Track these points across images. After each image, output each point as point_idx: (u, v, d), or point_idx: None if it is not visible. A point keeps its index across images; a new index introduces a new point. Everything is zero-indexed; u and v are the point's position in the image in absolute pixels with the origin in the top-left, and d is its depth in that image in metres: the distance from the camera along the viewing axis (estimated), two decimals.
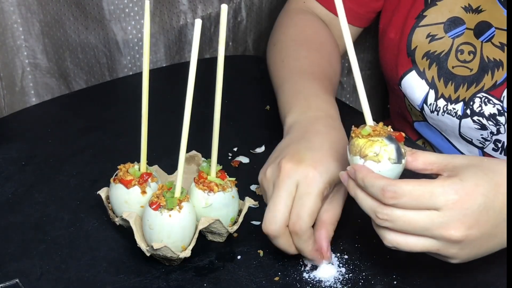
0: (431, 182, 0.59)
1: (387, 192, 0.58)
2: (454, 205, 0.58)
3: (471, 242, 0.59)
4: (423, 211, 0.58)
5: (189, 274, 0.68)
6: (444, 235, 0.58)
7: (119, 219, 0.70)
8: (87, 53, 1.12)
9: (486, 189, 0.59)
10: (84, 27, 1.09)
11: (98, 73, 1.14)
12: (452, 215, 0.58)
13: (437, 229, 0.58)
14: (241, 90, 1.00)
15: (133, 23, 1.09)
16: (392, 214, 0.59)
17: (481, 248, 0.61)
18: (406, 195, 0.58)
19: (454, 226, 0.58)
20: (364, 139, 0.61)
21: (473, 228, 0.58)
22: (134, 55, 1.11)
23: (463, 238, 0.58)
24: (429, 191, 0.58)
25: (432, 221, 0.58)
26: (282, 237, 0.66)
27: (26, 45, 1.11)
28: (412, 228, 0.59)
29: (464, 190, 0.58)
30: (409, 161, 0.62)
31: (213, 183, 0.69)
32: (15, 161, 0.84)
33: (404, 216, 0.58)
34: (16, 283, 0.66)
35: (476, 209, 0.58)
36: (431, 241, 0.59)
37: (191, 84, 0.63)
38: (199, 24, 0.62)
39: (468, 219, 0.58)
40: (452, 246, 0.59)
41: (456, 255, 0.60)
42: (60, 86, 1.16)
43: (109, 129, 0.92)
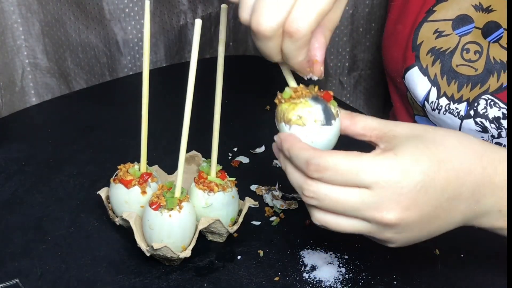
0: (361, 155, 0.53)
1: (310, 165, 0.52)
2: (387, 183, 0.51)
3: (409, 225, 0.53)
4: (353, 189, 0.52)
5: (189, 274, 0.68)
6: (376, 217, 0.52)
7: (119, 219, 0.70)
8: (87, 53, 1.12)
9: (427, 166, 0.52)
10: (84, 26, 1.09)
11: (99, 72, 1.14)
12: (385, 195, 0.51)
13: (368, 211, 0.52)
14: (241, 90, 1.00)
15: (133, 23, 1.09)
16: (319, 191, 0.53)
17: (422, 232, 0.55)
18: (330, 168, 0.52)
19: (388, 208, 0.52)
20: (287, 103, 0.56)
21: (410, 209, 0.52)
22: (134, 55, 1.12)
23: (398, 221, 0.52)
24: (357, 166, 0.52)
25: (363, 201, 0.52)
26: (274, 39, 0.54)
27: (26, 45, 1.11)
28: (341, 207, 0.53)
29: (400, 166, 0.52)
30: (347, 125, 0.57)
31: (213, 183, 0.69)
32: (15, 161, 0.84)
33: (332, 194, 0.52)
34: (16, 283, 0.66)
35: (413, 188, 0.52)
36: (363, 223, 0.53)
37: (191, 84, 0.63)
38: (199, 24, 0.62)
39: (404, 200, 0.52)
40: (386, 229, 0.53)
41: (392, 239, 0.54)
42: (60, 86, 1.16)
43: (109, 129, 0.92)
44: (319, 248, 0.71)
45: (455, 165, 0.54)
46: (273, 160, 0.85)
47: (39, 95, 1.16)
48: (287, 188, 0.79)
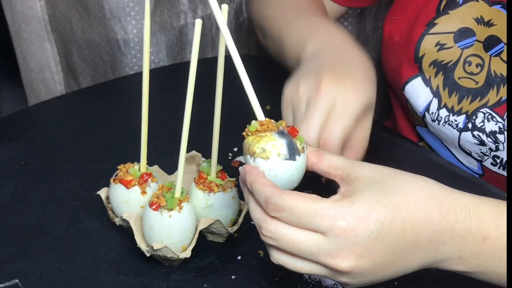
0: (319, 200, 0.53)
1: (269, 203, 0.53)
2: (341, 231, 0.52)
3: (363, 272, 0.54)
4: (310, 233, 0.53)
5: (189, 275, 0.68)
6: (330, 264, 0.53)
7: (119, 219, 0.70)
8: (92, 50, 1.12)
9: (382, 215, 0.53)
10: (87, 24, 1.09)
11: (102, 70, 1.14)
12: (339, 243, 0.52)
13: (323, 256, 0.53)
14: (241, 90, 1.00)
15: (134, 23, 1.09)
16: (276, 232, 0.54)
17: (377, 277, 0.56)
18: (287, 209, 0.53)
19: (341, 255, 0.52)
20: (253, 136, 0.57)
21: (364, 258, 0.53)
22: (135, 54, 1.12)
23: (351, 268, 0.53)
24: (312, 210, 0.52)
25: (318, 246, 0.52)
26: None
27: None
28: (297, 250, 0.53)
29: (355, 215, 0.52)
30: (314, 162, 0.58)
31: (213, 184, 0.69)
32: (15, 161, 0.84)
33: (288, 237, 0.53)
34: (16, 284, 0.66)
35: (366, 237, 0.52)
36: (319, 267, 0.54)
37: (192, 84, 0.63)
38: (199, 24, 0.62)
39: (357, 248, 0.52)
40: (341, 275, 0.54)
41: (348, 283, 0.55)
42: (70, 81, 1.16)
43: (109, 129, 0.92)
44: None
45: (412, 213, 0.54)
46: None
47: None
48: None
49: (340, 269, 0.53)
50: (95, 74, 1.15)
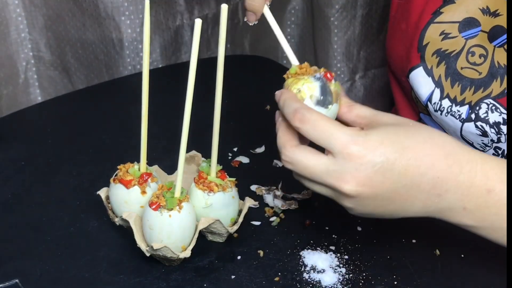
0: (339, 125, 0.58)
1: (297, 113, 0.58)
2: (349, 156, 0.56)
3: (363, 200, 0.57)
4: (321, 158, 0.57)
5: (189, 275, 0.68)
6: (335, 186, 0.57)
7: (119, 219, 0.70)
8: (86, 49, 1.12)
9: (389, 150, 0.56)
10: (82, 23, 1.09)
11: (97, 69, 1.14)
12: (345, 167, 0.56)
13: (330, 178, 0.57)
14: (241, 90, 1.00)
15: (128, 22, 1.09)
16: (293, 157, 0.59)
17: (377, 209, 0.59)
18: (311, 123, 0.57)
19: (345, 179, 0.56)
20: (292, 78, 0.63)
21: (365, 186, 0.56)
22: (130, 54, 1.11)
23: (352, 193, 0.57)
24: (330, 130, 0.57)
25: (327, 168, 0.57)
26: None
27: (30, 38, 1.11)
28: (309, 173, 0.58)
29: (365, 144, 0.56)
30: (344, 112, 0.62)
31: (213, 183, 0.69)
32: (14, 161, 0.84)
33: (303, 162, 0.58)
34: (16, 283, 0.66)
35: (370, 167, 0.56)
36: (327, 189, 0.59)
37: (191, 84, 0.63)
38: (199, 23, 0.62)
39: (360, 176, 0.56)
40: (345, 198, 0.58)
41: (352, 209, 0.59)
42: (63, 80, 1.16)
43: (108, 129, 0.92)
44: (319, 249, 0.71)
45: (417, 156, 0.57)
46: (273, 160, 0.85)
47: (42, 87, 1.17)
48: (287, 188, 0.79)
49: (342, 192, 0.57)
50: (89, 73, 1.15)
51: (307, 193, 0.79)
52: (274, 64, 1.15)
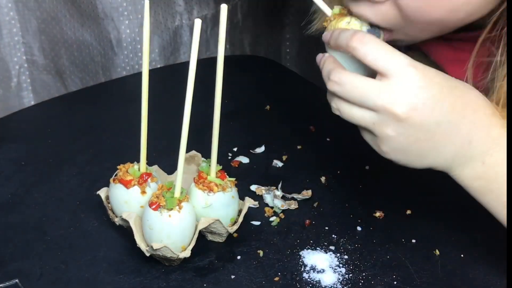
0: (399, 52, 0.58)
1: (357, 34, 0.58)
2: (406, 78, 0.56)
3: (410, 128, 0.57)
4: (374, 81, 0.57)
5: (189, 274, 0.68)
6: (386, 107, 0.56)
7: (119, 219, 0.70)
8: (82, 51, 1.12)
9: (444, 83, 0.57)
10: (79, 24, 1.09)
11: (93, 71, 1.13)
12: (401, 89, 0.56)
13: (382, 99, 0.56)
14: (240, 90, 1.00)
15: (127, 23, 1.09)
16: (344, 77, 0.58)
17: (415, 144, 0.58)
18: (372, 43, 0.57)
19: (398, 100, 0.56)
20: (335, 19, 0.64)
21: (416, 111, 0.56)
22: (128, 54, 1.11)
23: (403, 115, 0.56)
24: (392, 52, 0.57)
25: (380, 89, 0.56)
26: None
27: (23, 41, 1.11)
28: (358, 94, 0.57)
29: (424, 72, 0.57)
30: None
31: (213, 183, 0.69)
32: (14, 161, 0.84)
33: (353, 81, 0.58)
34: (16, 283, 0.66)
35: (425, 93, 0.56)
36: (372, 114, 0.57)
37: (191, 84, 0.63)
38: (198, 23, 0.62)
39: (415, 100, 0.56)
40: (390, 123, 0.57)
41: (389, 138, 0.58)
42: (56, 83, 1.16)
43: (108, 129, 0.92)
44: (319, 248, 0.71)
45: (465, 97, 0.59)
46: (273, 160, 0.85)
47: (35, 92, 1.17)
48: (287, 189, 0.79)
49: (393, 112, 0.56)
50: (84, 75, 1.14)
51: (307, 193, 0.79)
52: (274, 64, 1.15)
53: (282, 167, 0.85)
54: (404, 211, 0.75)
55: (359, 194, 0.78)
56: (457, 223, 0.73)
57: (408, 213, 0.75)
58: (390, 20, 0.63)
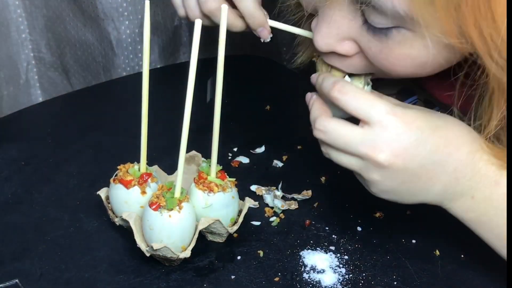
0: (379, 95, 0.59)
1: (337, 85, 0.59)
2: (388, 126, 0.57)
3: (393, 173, 0.58)
4: (357, 129, 0.58)
5: (189, 275, 0.68)
6: (368, 154, 0.57)
7: (119, 219, 0.70)
8: (84, 50, 1.12)
9: (424, 125, 0.58)
10: (82, 24, 1.09)
11: (94, 71, 1.14)
12: (383, 136, 0.57)
13: (364, 147, 0.57)
14: (241, 90, 1.00)
15: (127, 23, 1.08)
16: (328, 125, 0.59)
17: (402, 186, 0.59)
18: (351, 93, 0.58)
19: (381, 148, 0.57)
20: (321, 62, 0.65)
21: (399, 157, 0.57)
22: (128, 55, 1.11)
23: (386, 163, 0.57)
24: (371, 100, 0.58)
25: (362, 137, 0.58)
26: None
27: (31, 38, 1.11)
28: (342, 142, 0.59)
29: (404, 117, 0.57)
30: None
31: (213, 184, 0.69)
32: (15, 161, 0.84)
33: (337, 129, 0.59)
34: (15, 283, 0.66)
35: (406, 139, 0.57)
36: (357, 160, 0.59)
37: (191, 84, 0.63)
38: (199, 23, 0.62)
39: (396, 146, 0.57)
40: (374, 169, 0.58)
41: (377, 182, 0.59)
42: (63, 81, 1.16)
43: (108, 130, 0.92)
44: (319, 249, 0.71)
45: (448, 136, 0.59)
46: (273, 160, 0.85)
47: (43, 88, 1.17)
48: (287, 189, 0.79)
49: (376, 160, 0.57)
50: (86, 75, 1.14)
51: (307, 193, 0.79)
52: (274, 64, 1.15)
53: (282, 167, 0.85)
54: (404, 212, 0.75)
55: (359, 195, 0.78)
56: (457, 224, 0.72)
57: (408, 213, 0.75)
58: (363, 69, 0.64)
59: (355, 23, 0.59)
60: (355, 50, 0.62)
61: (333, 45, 0.62)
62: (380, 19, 0.57)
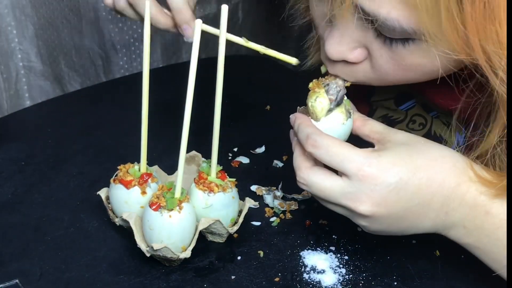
0: (351, 147, 0.59)
1: (309, 139, 0.60)
2: (364, 178, 0.57)
3: (378, 219, 0.59)
4: (336, 180, 0.59)
5: (189, 275, 0.68)
6: (350, 206, 0.58)
7: (119, 219, 0.70)
8: (81, 56, 1.12)
9: (402, 170, 0.57)
10: (78, 30, 1.08)
11: (94, 75, 1.13)
12: (361, 188, 0.57)
13: (345, 199, 0.58)
14: (241, 90, 1.00)
15: (129, 24, 1.09)
16: (309, 179, 0.60)
17: (391, 227, 0.60)
18: (323, 148, 0.59)
19: (360, 200, 0.58)
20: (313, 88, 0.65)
21: (380, 206, 0.58)
22: (130, 55, 1.11)
23: (368, 213, 0.58)
24: (344, 154, 0.58)
25: (342, 190, 0.58)
26: None
27: (20, 48, 1.11)
28: (324, 195, 0.60)
29: (379, 166, 0.57)
30: (358, 126, 0.64)
31: (213, 184, 0.69)
32: (15, 161, 0.84)
33: (318, 184, 0.60)
34: (16, 284, 0.66)
35: (385, 188, 0.57)
36: (342, 209, 0.60)
37: (191, 84, 0.63)
38: (199, 24, 0.62)
39: (375, 196, 0.57)
40: (360, 218, 0.59)
41: (366, 227, 0.61)
42: (55, 89, 1.16)
43: (109, 130, 0.92)
44: (319, 249, 0.71)
45: (430, 175, 0.58)
46: (273, 160, 0.85)
47: (33, 98, 1.16)
48: (287, 189, 0.79)
49: (358, 212, 0.58)
50: (84, 80, 1.14)
51: (307, 193, 0.79)
52: (274, 64, 1.15)
53: (282, 167, 0.85)
54: None
55: None
56: None
57: None
58: (365, 77, 0.64)
59: (369, 33, 0.59)
60: (364, 57, 0.62)
61: (344, 53, 0.61)
62: (394, 33, 0.57)
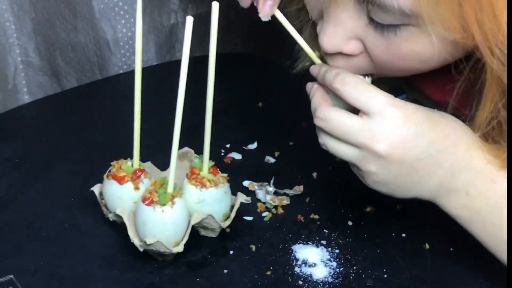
0: (378, 88, 0.59)
1: (339, 75, 0.60)
2: (387, 117, 0.57)
3: (391, 164, 0.58)
4: (357, 118, 0.59)
5: (182, 269, 0.68)
6: (367, 144, 0.58)
7: (113, 215, 0.70)
8: (77, 52, 1.12)
9: (423, 118, 0.58)
10: (73, 26, 1.09)
11: (89, 71, 1.14)
12: (382, 127, 0.57)
13: (363, 136, 0.58)
14: (233, 87, 1.01)
15: (123, 22, 1.09)
16: (329, 114, 0.60)
17: (397, 178, 0.60)
18: (352, 84, 0.59)
19: (380, 138, 0.57)
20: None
21: (397, 148, 0.58)
22: (125, 53, 1.11)
23: (384, 153, 0.58)
24: (371, 91, 0.59)
25: (362, 127, 0.58)
26: None
27: (18, 43, 1.11)
28: (342, 131, 0.59)
29: (403, 109, 0.58)
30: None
31: (206, 179, 0.70)
32: (8, 159, 0.84)
33: (337, 118, 0.59)
34: (10, 279, 0.66)
35: (405, 131, 0.57)
36: (355, 150, 0.59)
37: (183, 81, 0.64)
38: (190, 21, 0.62)
39: (395, 137, 0.57)
40: (372, 159, 0.59)
41: (372, 173, 0.60)
42: (53, 84, 1.16)
43: (102, 127, 0.92)
44: (311, 243, 0.72)
45: (446, 132, 0.59)
46: (266, 156, 0.86)
47: (31, 93, 1.16)
48: (279, 184, 0.80)
49: (374, 150, 0.58)
50: (80, 76, 1.14)
51: (299, 188, 0.79)
52: (265, 62, 1.16)
53: (274, 163, 0.85)
54: (394, 206, 0.76)
55: (350, 190, 0.79)
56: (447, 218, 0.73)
57: (398, 208, 0.76)
58: (365, 70, 0.65)
59: (361, 22, 0.60)
60: (360, 50, 0.62)
61: (339, 45, 0.62)
62: (386, 17, 0.57)
